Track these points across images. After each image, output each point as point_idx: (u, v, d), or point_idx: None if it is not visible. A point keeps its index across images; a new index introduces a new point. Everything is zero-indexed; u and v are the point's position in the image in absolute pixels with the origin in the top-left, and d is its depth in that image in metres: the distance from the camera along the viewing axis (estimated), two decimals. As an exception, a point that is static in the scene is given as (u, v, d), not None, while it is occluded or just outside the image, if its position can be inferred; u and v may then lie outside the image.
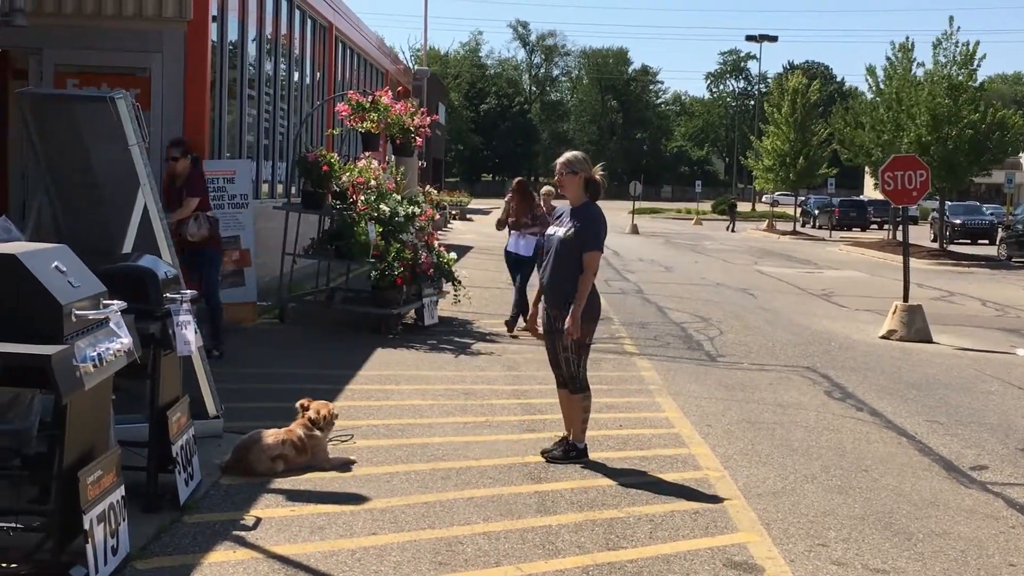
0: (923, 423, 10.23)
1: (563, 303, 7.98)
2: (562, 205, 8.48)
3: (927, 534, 6.84)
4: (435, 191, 16.38)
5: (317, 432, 7.59)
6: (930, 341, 15.88)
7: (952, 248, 42.21)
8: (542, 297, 8.32)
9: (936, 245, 41.82)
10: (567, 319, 7.90)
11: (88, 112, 7.77)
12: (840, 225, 61.00)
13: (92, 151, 7.83)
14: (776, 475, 8.06)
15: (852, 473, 8.23)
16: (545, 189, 15.60)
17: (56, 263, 5.10)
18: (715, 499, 7.34)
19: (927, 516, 7.23)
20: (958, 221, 48.92)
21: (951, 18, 38.25)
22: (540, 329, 8.45)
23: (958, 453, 9.11)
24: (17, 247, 5.23)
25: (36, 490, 5.76)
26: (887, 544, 6.59)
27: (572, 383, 8.15)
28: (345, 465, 7.64)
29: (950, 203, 47.85)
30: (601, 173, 8.27)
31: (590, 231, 7.98)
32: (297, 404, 7.79)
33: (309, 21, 21.17)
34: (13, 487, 5.76)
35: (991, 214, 52.44)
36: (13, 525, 5.18)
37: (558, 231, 8.10)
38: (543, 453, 8.18)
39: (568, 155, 8.30)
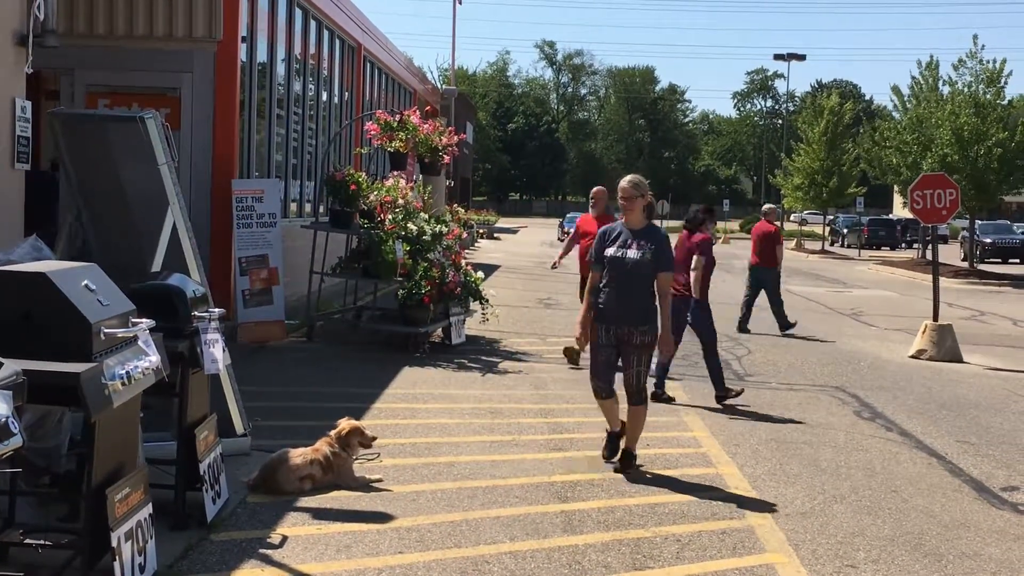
0: (953, 443, 10.15)
1: (639, 320, 8.26)
2: (613, 224, 8.66)
3: (957, 555, 6.78)
4: (463, 210, 16.42)
5: (342, 451, 7.62)
6: (960, 361, 15.76)
7: (982, 267, 41.88)
8: (599, 315, 8.35)
9: (966, 264, 41.54)
10: (658, 337, 8.34)
11: (118, 132, 7.84)
12: (869, 244, 60.59)
13: (122, 170, 7.90)
14: (805, 495, 8.00)
15: (882, 494, 8.17)
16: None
17: (85, 281, 5.14)
18: (743, 519, 7.29)
19: (957, 537, 7.16)
20: (988, 240, 48.56)
21: (975, 36, 37.83)
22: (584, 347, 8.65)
23: (989, 474, 9.03)
24: (47, 266, 5.29)
25: (65, 507, 5.81)
26: (917, 565, 6.54)
27: (639, 395, 8.41)
28: (371, 483, 7.64)
29: (980, 222, 47.50)
30: (651, 195, 8.62)
31: (666, 253, 8.36)
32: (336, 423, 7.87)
33: (338, 41, 21.29)
34: (42, 504, 5.82)
35: (1022, 233, 52.06)
36: (42, 542, 5.21)
37: (628, 252, 8.27)
38: (621, 471, 8.35)
39: (634, 177, 8.59)
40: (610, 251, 8.32)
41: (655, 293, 8.32)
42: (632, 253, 8.24)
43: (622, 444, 8.56)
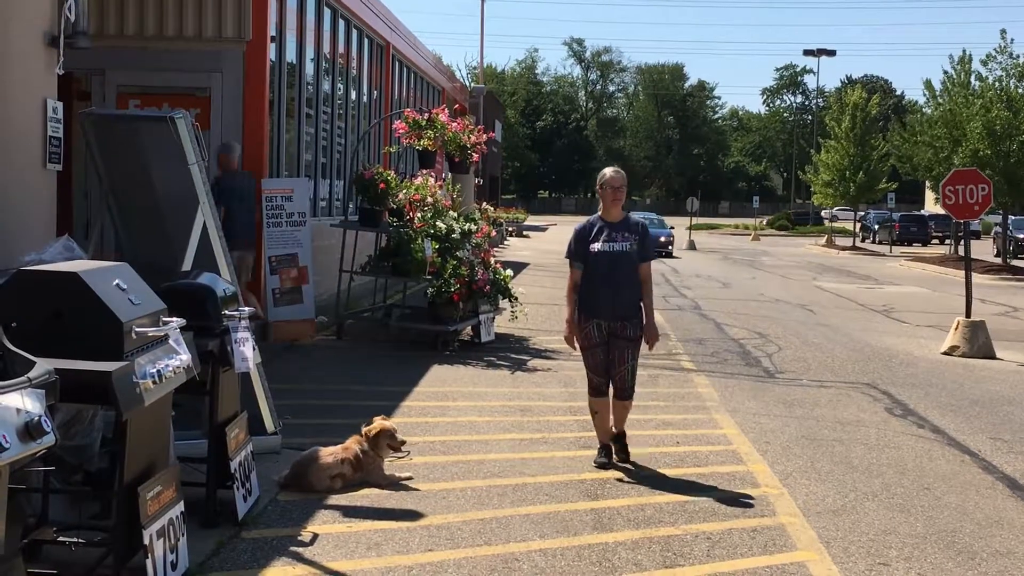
0: (987, 440, 10.07)
1: (632, 314, 8.30)
2: (590, 219, 8.61)
3: (991, 553, 6.72)
4: (491, 208, 16.42)
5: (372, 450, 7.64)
6: (993, 357, 15.64)
7: (1015, 263, 41.53)
8: (590, 311, 8.33)
9: (999, 260, 41.22)
10: (647, 330, 8.35)
11: (149, 132, 7.88)
12: (900, 240, 60.22)
13: (153, 170, 7.94)
14: (836, 493, 7.96)
15: (914, 491, 8.11)
16: None
17: (117, 281, 5.17)
18: (774, 517, 7.26)
19: (991, 535, 7.10)
20: (1022, 235, 48.13)
21: (1003, 31, 37.66)
22: (579, 344, 8.49)
23: (1023, 471, 8.95)
24: (79, 265, 5.32)
25: (97, 505, 5.85)
26: (950, 563, 6.49)
27: (631, 391, 8.45)
28: (401, 482, 7.66)
29: (1013, 217, 47.09)
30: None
31: (647, 243, 8.44)
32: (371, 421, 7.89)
33: (367, 40, 21.34)
34: (75, 502, 5.85)
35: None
36: (75, 540, 5.24)
37: (614, 245, 8.30)
38: (625, 460, 8.46)
39: (619, 170, 8.63)
40: (595, 246, 8.32)
41: (639, 284, 8.35)
42: (617, 246, 8.30)
43: (614, 429, 8.54)
